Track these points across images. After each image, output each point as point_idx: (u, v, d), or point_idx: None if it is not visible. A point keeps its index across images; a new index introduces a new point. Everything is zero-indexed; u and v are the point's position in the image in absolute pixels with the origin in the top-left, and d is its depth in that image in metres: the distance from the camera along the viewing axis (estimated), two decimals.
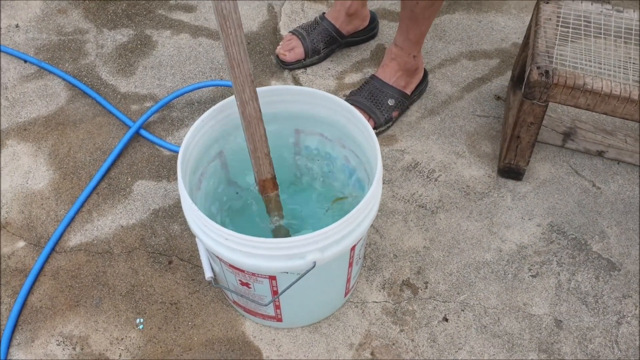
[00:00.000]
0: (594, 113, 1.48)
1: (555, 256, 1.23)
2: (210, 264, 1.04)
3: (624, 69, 1.19)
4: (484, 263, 1.21)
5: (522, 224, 1.28)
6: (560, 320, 1.14)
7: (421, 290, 1.17)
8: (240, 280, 0.98)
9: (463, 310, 1.15)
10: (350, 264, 1.03)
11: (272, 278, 0.95)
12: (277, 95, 1.06)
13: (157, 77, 1.55)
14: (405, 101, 1.43)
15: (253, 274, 0.95)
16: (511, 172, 1.34)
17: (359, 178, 1.10)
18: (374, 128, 1.38)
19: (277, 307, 1.04)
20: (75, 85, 1.50)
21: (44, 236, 1.24)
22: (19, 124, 1.43)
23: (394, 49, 1.40)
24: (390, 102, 1.40)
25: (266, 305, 1.00)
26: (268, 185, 1.01)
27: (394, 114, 1.41)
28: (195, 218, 0.92)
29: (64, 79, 1.52)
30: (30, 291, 1.15)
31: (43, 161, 1.36)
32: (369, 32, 1.63)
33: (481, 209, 1.30)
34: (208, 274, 1.05)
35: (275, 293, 0.99)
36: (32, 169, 1.34)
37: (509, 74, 1.59)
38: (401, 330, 1.12)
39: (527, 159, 1.31)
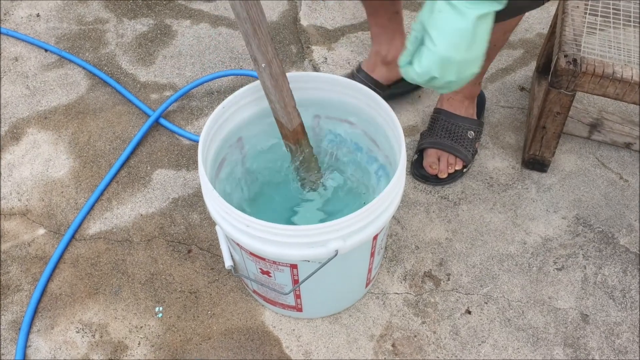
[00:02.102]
0: (622, 104, 1.45)
1: (582, 249, 1.20)
2: (230, 252, 1.03)
3: None
4: (507, 255, 1.19)
5: (547, 216, 1.25)
6: (586, 314, 1.11)
7: (443, 282, 1.15)
8: (260, 268, 0.97)
9: (486, 303, 1.12)
10: (372, 254, 1.01)
11: (294, 266, 0.93)
12: (302, 82, 1.04)
13: (177, 66, 1.54)
14: (481, 128, 1.33)
15: (274, 262, 0.93)
16: (536, 163, 1.31)
17: (383, 166, 1.08)
18: (464, 167, 1.29)
19: (298, 296, 1.02)
20: (95, 74, 1.50)
21: (64, 224, 1.23)
22: (39, 112, 1.43)
23: None
24: (470, 134, 1.29)
25: (287, 294, 0.98)
26: (299, 131, 1.00)
27: (477, 145, 1.31)
28: (216, 205, 0.91)
29: (84, 68, 1.52)
30: (50, 278, 1.15)
31: (63, 149, 1.36)
32: None
33: (505, 200, 1.27)
34: (228, 263, 1.03)
35: (296, 282, 0.98)
36: (52, 157, 1.34)
37: (533, 64, 1.56)
38: (423, 322, 1.10)
39: (552, 150, 1.28)
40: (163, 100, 1.45)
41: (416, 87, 1.44)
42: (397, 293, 1.13)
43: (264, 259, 0.94)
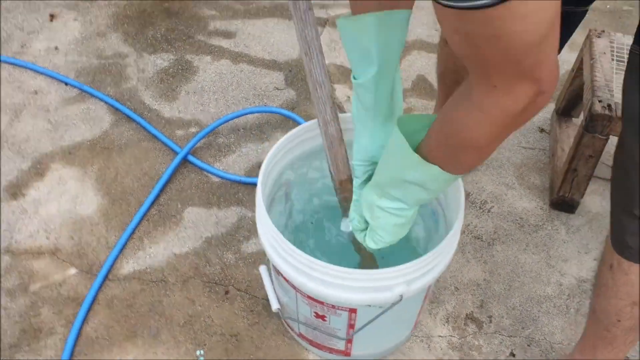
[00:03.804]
0: None
1: None
2: (276, 294, 1.01)
3: None
4: (545, 297, 1.20)
5: (579, 257, 1.27)
6: (626, 356, 1.12)
7: (485, 324, 1.15)
8: (315, 312, 0.96)
9: (529, 346, 1.13)
10: (425, 298, 1.01)
11: (353, 311, 0.92)
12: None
13: (200, 102, 1.53)
14: None
15: (332, 306, 0.92)
16: (564, 204, 1.34)
17: (434, 210, 1.08)
18: None
19: (349, 341, 1.01)
20: (118, 109, 1.48)
21: (96, 263, 1.20)
22: (63, 147, 1.40)
23: None
24: None
25: (342, 339, 0.97)
26: (347, 185, 1.00)
27: None
28: (278, 246, 0.90)
29: (106, 103, 1.50)
30: (84, 320, 1.12)
31: (90, 186, 1.33)
32: None
33: (537, 241, 1.29)
34: (275, 305, 1.02)
35: (351, 327, 0.96)
36: (79, 194, 1.31)
37: (551, 106, 1.59)
38: None
39: (582, 192, 1.30)
40: (189, 137, 1.44)
41: None
42: (440, 336, 1.13)
43: (322, 303, 0.93)
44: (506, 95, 0.56)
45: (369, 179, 0.89)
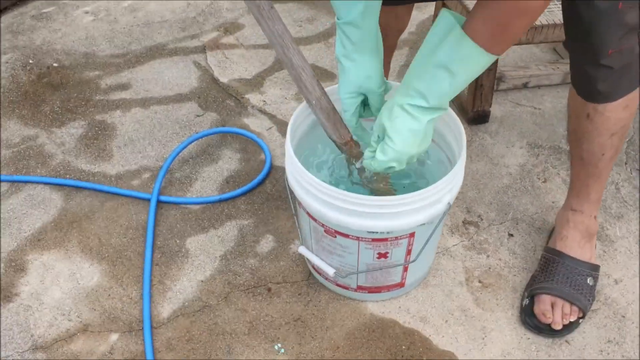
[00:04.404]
0: (512, 58, 1.83)
1: (548, 163, 1.52)
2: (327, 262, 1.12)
3: None
4: (506, 186, 1.45)
5: (510, 150, 1.55)
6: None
7: (479, 222, 1.37)
8: (379, 253, 1.09)
9: (517, 224, 1.37)
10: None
11: (412, 235, 1.07)
12: None
13: (137, 151, 1.55)
14: (598, 274, 1.21)
15: (396, 238, 1.06)
16: (479, 118, 1.61)
17: (440, 160, 1.23)
18: (582, 317, 1.16)
19: (405, 269, 1.15)
20: (63, 184, 1.44)
21: (134, 320, 1.19)
22: (27, 238, 1.34)
23: (571, 215, 1.21)
24: (590, 281, 1.18)
25: (401, 269, 1.11)
26: (351, 143, 1.12)
27: (595, 292, 1.20)
28: (338, 195, 0.99)
29: (46, 184, 1.45)
30: None
31: (80, 259, 1.30)
32: None
33: (475, 152, 1.54)
34: (331, 271, 1.14)
35: (408, 253, 1.11)
36: (74, 270, 1.28)
37: None
38: (487, 256, 1.30)
39: (490, 102, 1.59)
40: (147, 182, 1.46)
41: None
42: (455, 245, 1.32)
43: (385, 240, 1.06)
44: None
45: (358, 111, 1.01)
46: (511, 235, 1.35)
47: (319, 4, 2.11)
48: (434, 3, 1.70)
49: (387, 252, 1.09)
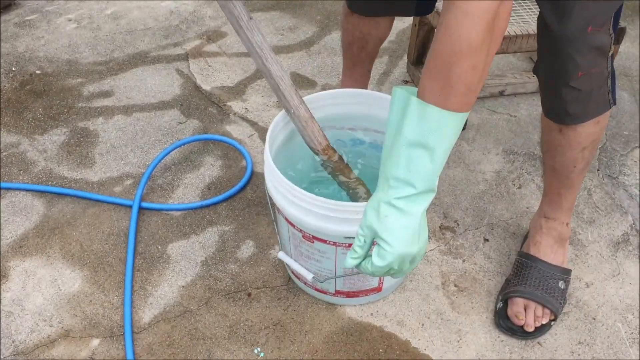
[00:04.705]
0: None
1: (522, 169, 1.55)
2: (305, 267, 1.15)
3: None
4: (482, 192, 1.49)
5: (486, 157, 1.59)
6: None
7: (456, 227, 1.40)
8: None
9: (493, 229, 1.40)
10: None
11: None
12: (322, 100, 1.22)
13: (119, 157, 1.57)
14: (570, 277, 1.24)
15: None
16: None
17: None
18: (554, 319, 1.20)
19: None
20: (44, 191, 1.46)
21: (115, 325, 1.21)
22: (10, 244, 1.35)
23: (544, 222, 1.25)
24: (562, 284, 1.21)
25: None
26: (328, 149, 1.15)
27: (567, 295, 1.24)
28: (314, 201, 1.01)
29: (28, 190, 1.46)
30: None
31: (62, 266, 1.31)
32: None
33: (452, 158, 1.58)
34: (309, 276, 1.16)
35: None
36: (56, 277, 1.29)
37: (402, 63, 1.91)
38: (463, 261, 1.33)
39: None
40: (129, 189, 1.48)
41: None
42: (431, 249, 1.35)
43: None
44: None
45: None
46: (486, 240, 1.38)
47: (300, 13, 2.14)
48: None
49: None
